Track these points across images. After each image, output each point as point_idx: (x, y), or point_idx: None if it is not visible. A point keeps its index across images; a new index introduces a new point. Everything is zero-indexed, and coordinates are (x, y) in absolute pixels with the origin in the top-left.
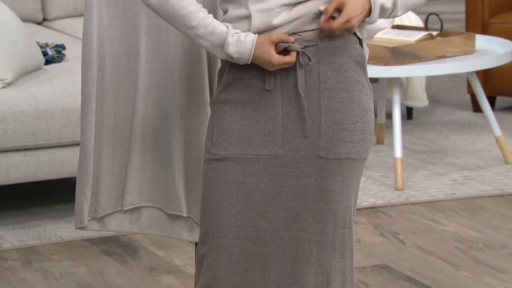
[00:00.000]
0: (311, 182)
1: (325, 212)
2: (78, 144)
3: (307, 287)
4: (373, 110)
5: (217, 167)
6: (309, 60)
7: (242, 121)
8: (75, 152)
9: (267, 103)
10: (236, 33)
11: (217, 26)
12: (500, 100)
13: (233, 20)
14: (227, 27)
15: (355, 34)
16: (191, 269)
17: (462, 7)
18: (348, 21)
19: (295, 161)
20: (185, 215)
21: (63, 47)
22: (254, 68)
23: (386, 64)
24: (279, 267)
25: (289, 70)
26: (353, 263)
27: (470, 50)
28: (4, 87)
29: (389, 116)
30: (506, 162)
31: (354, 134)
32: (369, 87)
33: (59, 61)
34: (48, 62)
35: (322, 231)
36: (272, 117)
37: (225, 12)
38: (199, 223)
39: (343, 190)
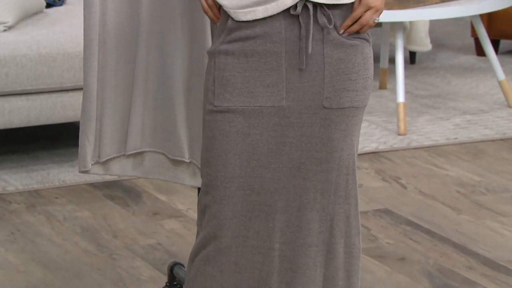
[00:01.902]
0: (314, 132)
1: (329, 160)
2: (81, 88)
3: (311, 233)
4: (372, 55)
5: (220, 118)
6: (329, 22)
7: (245, 73)
8: (77, 96)
9: (271, 55)
10: None
11: None
12: (504, 44)
13: None
14: None
15: None
16: (194, 214)
17: None
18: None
19: (299, 112)
20: (187, 160)
21: None
22: (257, 20)
23: (390, 8)
24: (283, 216)
25: (293, 22)
26: (358, 208)
27: None
28: (5, 30)
29: (392, 60)
30: (509, 106)
31: (357, 83)
32: (368, 33)
33: (60, 5)
34: (49, 5)
35: (326, 179)
36: (275, 68)
37: None
38: None
39: (346, 138)
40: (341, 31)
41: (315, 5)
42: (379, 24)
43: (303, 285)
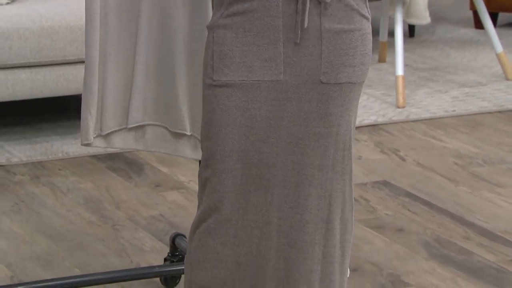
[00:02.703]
0: (312, 107)
1: (327, 136)
2: (83, 61)
3: (309, 209)
4: (371, 32)
5: (219, 93)
6: None
7: (244, 47)
8: (80, 69)
9: (269, 29)
10: None
11: None
12: (502, 17)
13: None
14: None
15: None
16: (195, 186)
17: None
18: None
19: (297, 87)
20: (188, 133)
21: None
22: None
23: None
24: (282, 191)
25: None
26: (352, 184)
27: None
28: (8, 3)
29: (391, 34)
30: (507, 79)
31: (354, 58)
32: (368, 11)
33: None
34: None
35: (324, 154)
36: (273, 43)
37: None
38: None
39: (343, 113)
40: None
41: None
42: None
43: (301, 261)
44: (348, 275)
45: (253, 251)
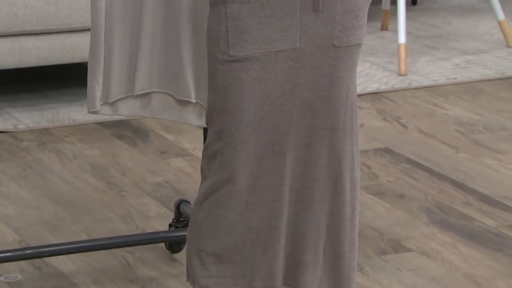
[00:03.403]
0: (324, 71)
1: (337, 99)
2: (89, 29)
3: (320, 168)
4: None
5: (236, 67)
6: None
7: (261, 20)
8: (86, 37)
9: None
10: None
11: None
12: None
13: None
14: None
15: None
16: (199, 153)
17: None
18: None
19: (310, 53)
20: (193, 100)
21: None
22: None
23: None
24: (293, 153)
25: None
26: (357, 144)
27: None
28: None
29: (394, 2)
30: (508, 46)
31: (361, 20)
32: None
33: None
34: None
35: (335, 116)
36: (290, 12)
37: None
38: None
39: (351, 75)
40: None
41: None
42: None
43: (310, 216)
44: None
45: (265, 213)
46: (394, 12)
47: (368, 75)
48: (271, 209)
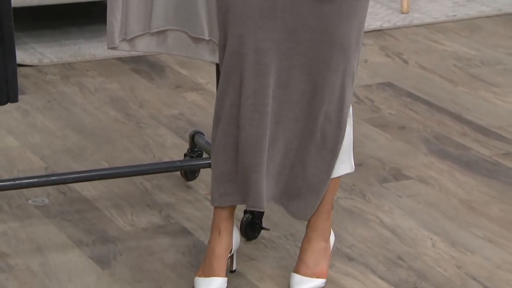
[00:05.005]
0: (304, 2)
1: (321, 32)
2: None
3: (297, 92)
4: None
5: None
6: None
7: None
8: None
9: None
10: None
11: None
12: None
13: None
14: None
15: None
16: (213, 87)
17: None
18: None
19: None
20: (207, 38)
21: None
22: None
23: None
24: (275, 74)
25: None
26: (349, 81)
27: None
28: None
29: None
30: None
31: None
32: None
33: None
34: None
35: (317, 48)
36: None
37: None
38: None
39: (342, 16)
40: None
41: None
42: None
43: (281, 135)
44: (353, 170)
45: (253, 134)
46: None
47: (372, 13)
48: (257, 130)
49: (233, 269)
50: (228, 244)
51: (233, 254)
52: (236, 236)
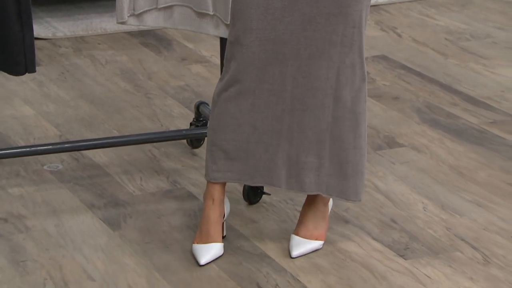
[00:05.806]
0: None
1: (337, 15)
2: None
3: (319, 78)
4: None
5: None
6: None
7: None
8: None
9: None
10: None
11: None
12: None
13: None
14: None
15: None
16: (217, 60)
17: None
18: None
19: None
20: (211, 13)
21: None
22: None
23: None
24: (295, 63)
25: None
26: (363, 58)
27: None
28: None
29: None
30: None
31: None
32: None
33: None
34: None
35: (334, 31)
36: None
37: None
38: (224, 21)
39: None
40: None
41: None
42: None
43: (313, 123)
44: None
45: (269, 116)
46: None
47: None
48: (274, 112)
49: (224, 234)
50: (221, 211)
51: (224, 221)
52: (227, 204)
